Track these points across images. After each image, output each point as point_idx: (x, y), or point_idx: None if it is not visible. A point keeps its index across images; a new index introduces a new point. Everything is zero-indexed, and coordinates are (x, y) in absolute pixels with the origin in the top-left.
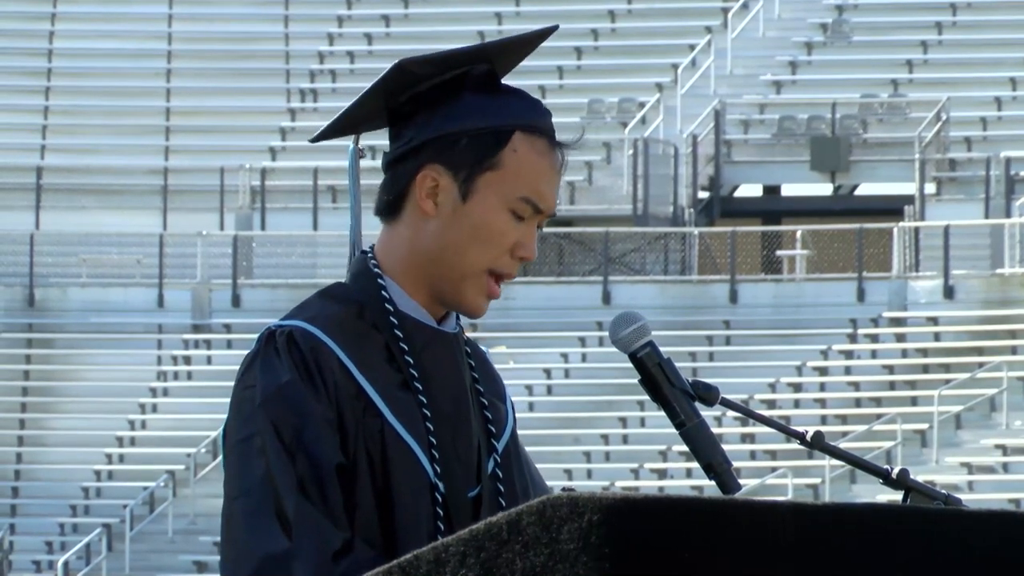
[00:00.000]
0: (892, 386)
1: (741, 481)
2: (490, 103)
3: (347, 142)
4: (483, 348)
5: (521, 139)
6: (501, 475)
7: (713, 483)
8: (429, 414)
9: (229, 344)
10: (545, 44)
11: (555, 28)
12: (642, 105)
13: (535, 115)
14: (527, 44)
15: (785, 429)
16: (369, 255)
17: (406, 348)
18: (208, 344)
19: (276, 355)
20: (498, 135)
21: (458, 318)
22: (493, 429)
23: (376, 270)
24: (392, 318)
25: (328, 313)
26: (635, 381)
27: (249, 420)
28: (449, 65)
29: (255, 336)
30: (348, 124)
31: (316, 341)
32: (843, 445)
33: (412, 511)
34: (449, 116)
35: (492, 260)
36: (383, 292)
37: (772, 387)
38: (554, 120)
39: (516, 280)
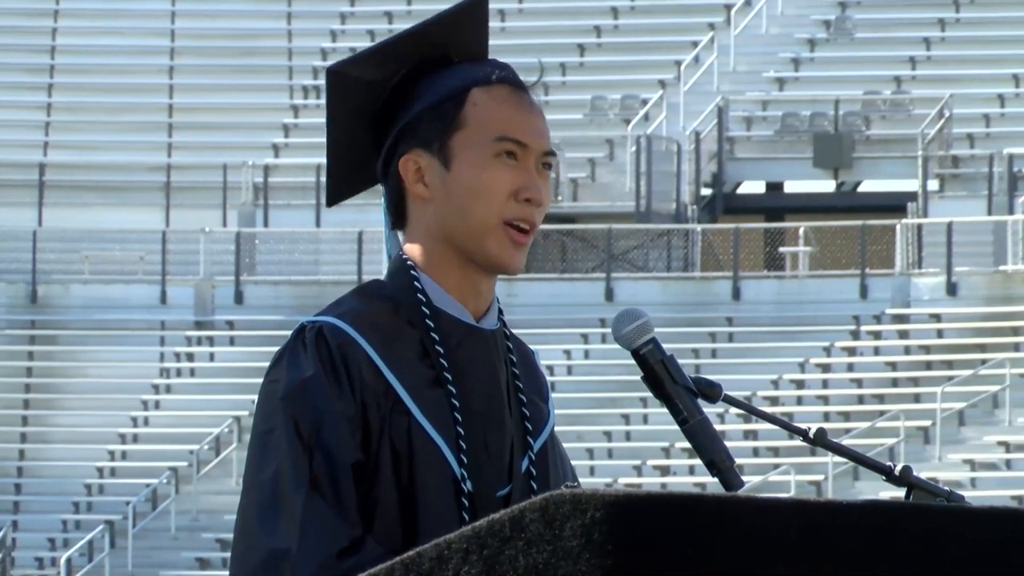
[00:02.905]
0: (895, 383)
1: (744, 478)
2: (442, 77)
3: None
4: (531, 348)
5: (478, 92)
6: (535, 474)
7: (716, 480)
8: (459, 412)
9: (232, 341)
10: (548, 41)
11: None
12: (645, 102)
13: (487, 70)
14: (459, 14)
15: (788, 426)
16: (403, 255)
17: (440, 344)
18: (211, 341)
19: (303, 350)
20: (454, 98)
21: (500, 314)
22: (530, 427)
23: (410, 264)
24: (426, 312)
25: (361, 309)
26: (638, 378)
27: (271, 414)
28: (385, 57)
29: (258, 333)
30: (344, 169)
31: (345, 337)
32: (846, 442)
33: (437, 509)
34: (408, 106)
35: (498, 210)
36: (417, 286)
37: (775, 384)
38: (557, 117)
39: (519, 277)
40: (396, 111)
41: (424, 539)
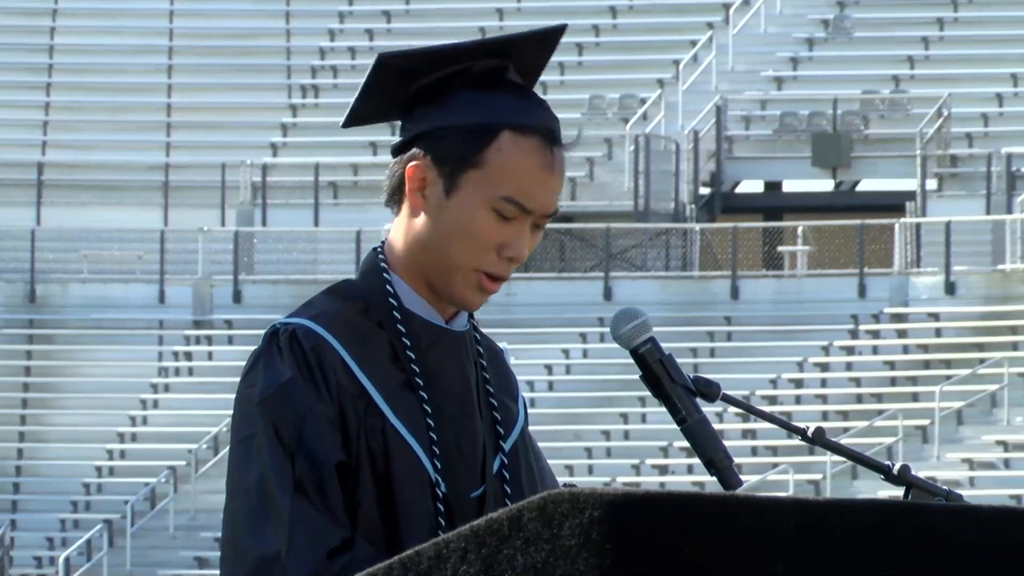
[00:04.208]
0: (893, 382)
1: (742, 477)
2: (483, 100)
3: (352, 136)
4: (501, 346)
5: (508, 138)
6: (507, 475)
7: (714, 479)
8: (431, 414)
9: (230, 340)
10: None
11: (563, 27)
12: (643, 101)
13: (527, 114)
14: (535, 40)
15: (786, 425)
16: (379, 251)
17: (410, 347)
18: (209, 340)
19: (278, 353)
20: (485, 132)
21: (470, 316)
22: (501, 429)
23: (383, 266)
24: (397, 316)
25: (333, 311)
26: (636, 377)
27: (250, 419)
28: (442, 59)
29: (256, 332)
30: (367, 115)
31: (319, 339)
32: (844, 441)
33: (413, 510)
34: (443, 111)
35: (476, 259)
36: (389, 289)
37: (773, 383)
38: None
39: (517, 276)
40: (430, 103)
41: (403, 541)
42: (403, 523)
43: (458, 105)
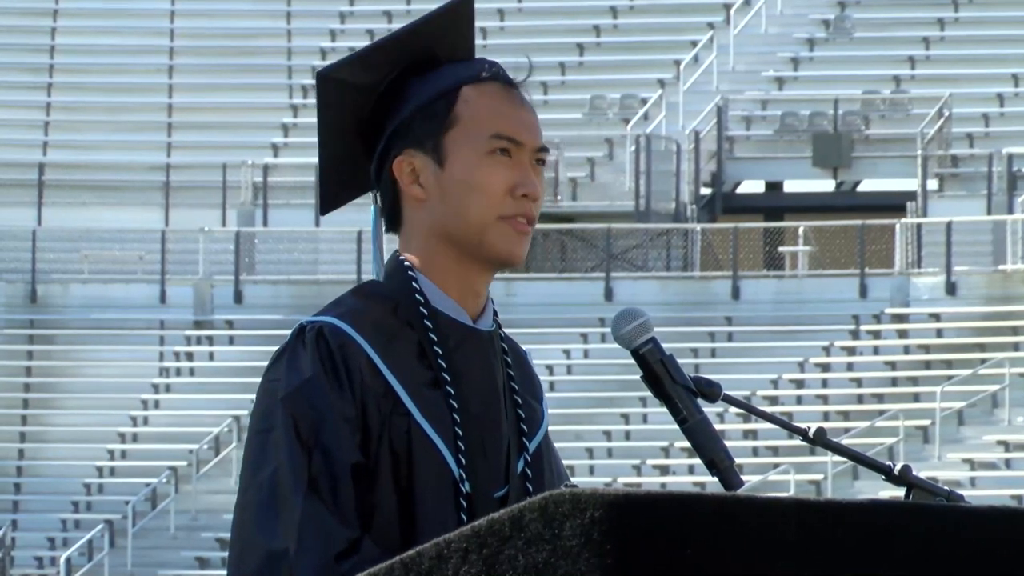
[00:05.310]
0: (894, 382)
1: (743, 477)
2: (431, 77)
3: None
4: (524, 348)
5: (469, 90)
6: (531, 475)
7: (715, 479)
8: (458, 413)
9: (231, 340)
10: (547, 40)
11: None
12: (644, 101)
13: (477, 67)
14: (445, 14)
15: (787, 425)
16: (400, 255)
17: (438, 346)
18: (210, 340)
19: (304, 350)
20: (445, 97)
21: (495, 316)
22: (525, 429)
23: (407, 265)
24: (425, 315)
25: (360, 310)
26: (637, 377)
27: (269, 413)
28: (375, 59)
29: (257, 332)
30: (337, 176)
31: (345, 337)
32: (845, 441)
33: (436, 510)
34: (399, 108)
35: (495, 207)
36: (415, 287)
37: (774, 383)
38: (556, 116)
39: (517, 276)
40: (386, 114)
41: (423, 540)
42: (425, 522)
43: (410, 95)
